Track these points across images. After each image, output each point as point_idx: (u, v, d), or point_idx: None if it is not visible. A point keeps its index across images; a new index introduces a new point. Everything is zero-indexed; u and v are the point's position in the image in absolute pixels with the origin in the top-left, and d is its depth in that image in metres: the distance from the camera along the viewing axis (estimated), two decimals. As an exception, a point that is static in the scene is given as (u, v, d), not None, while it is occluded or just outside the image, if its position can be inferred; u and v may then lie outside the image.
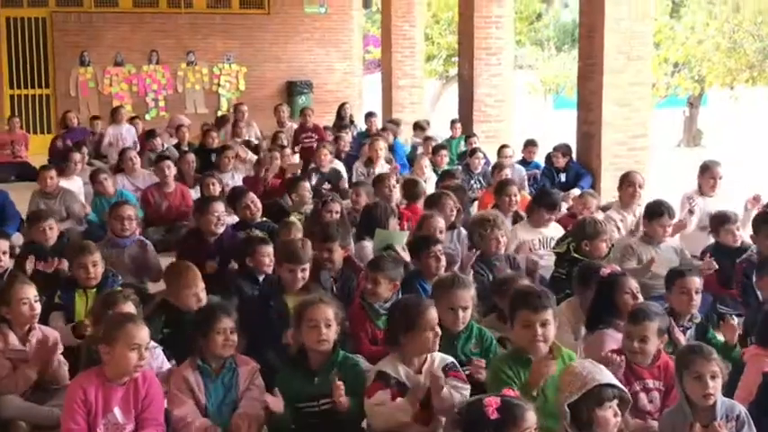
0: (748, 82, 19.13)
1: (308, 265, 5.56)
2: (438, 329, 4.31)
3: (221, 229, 7.05)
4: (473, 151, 11.56)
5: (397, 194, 8.47)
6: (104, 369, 4.13)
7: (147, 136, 13.24)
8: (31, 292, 4.90)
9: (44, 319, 5.39)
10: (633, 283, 4.99)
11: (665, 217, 6.78)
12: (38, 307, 4.92)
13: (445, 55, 28.99)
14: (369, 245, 6.83)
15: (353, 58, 20.38)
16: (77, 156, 10.60)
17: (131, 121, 15.22)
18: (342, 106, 16.14)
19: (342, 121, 15.61)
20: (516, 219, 7.85)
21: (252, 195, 7.79)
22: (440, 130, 15.38)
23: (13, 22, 18.10)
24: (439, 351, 4.40)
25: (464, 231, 7.35)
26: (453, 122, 14.75)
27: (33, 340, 4.89)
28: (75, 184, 10.14)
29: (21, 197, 9.57)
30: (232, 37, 19.35)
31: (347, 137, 13.17)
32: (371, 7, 26.84)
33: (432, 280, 5.66)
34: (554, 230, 7.28)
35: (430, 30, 26.05)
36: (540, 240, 7.20)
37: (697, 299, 5.18)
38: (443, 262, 5.78)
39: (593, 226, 6.29)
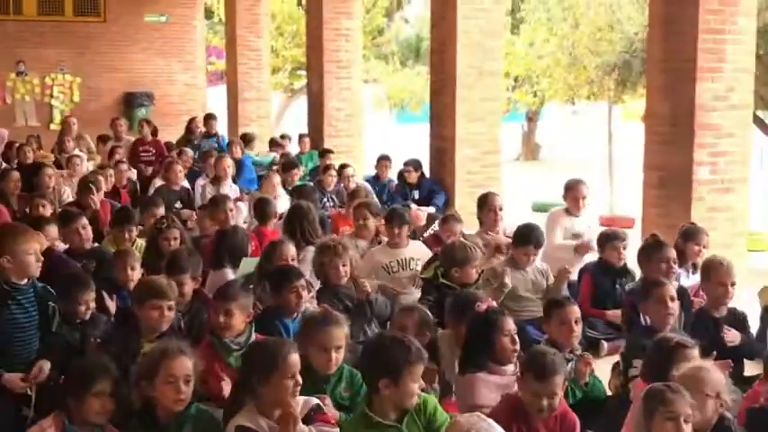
0: (589, 98, 19.54)
1: (173, 303, 4.94)
2: (299, 378, 3.84)
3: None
4: (326, 168, 11.19)
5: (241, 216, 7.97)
6: None
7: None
8: None
9: None
10: (511, 324, 4.69)
11: (530, 247, 6.60)
12: None
13: (290, 68, 28.60)
14: (229, 272, 6.33)
15: (197, 69, 19.72)
16: None
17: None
18: (192, 120, 15.47)
19: (190, 135, 14.96)
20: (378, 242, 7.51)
21: (84, 220, 7.07)
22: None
23: None
24: (307, 394, 3.97)
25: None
26: (302, 137, 14.39)
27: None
28: None
29: None
30: (65, 45, 18.33)
31: (190, 152, 12.53)
32: (213, 18, 26.27)
33: (293, 317, 5.23)
34: (414, 250, 6.99)
35: (275, 42, 25.55)
36: (399, 262, 6.88)
37: (578, 329, 4.97)
38: (306, 297, 5.34)
39: (463, 251, 6.01)
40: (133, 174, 11.97)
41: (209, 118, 14.92)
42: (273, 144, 14.77)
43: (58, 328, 5.11)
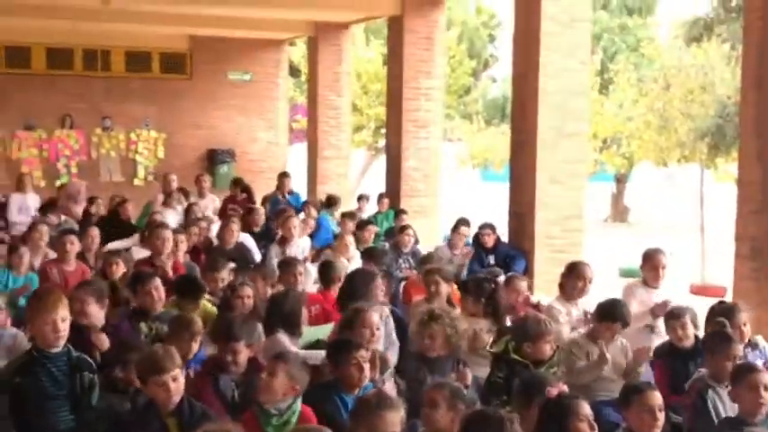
0: (680, 161, 18.91)
1: (178, 372, 4.57)
2: None
3: (86, 321, 5.84)
4: (403, 228, 10.87)
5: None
6: None
7: (44, 210, 12.20)
8: None
9: None
10: (587, 409, 4.25)
11: (617, 324, 6.14)
12: None
13: (374, 126, 28.62)
14: (284, 339, 6.02)
15: (279, 128, 19.73)
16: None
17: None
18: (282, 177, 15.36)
19: (278, 193, 14.82)
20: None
21: (157, 281, 6.86)
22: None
23: None
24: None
25: (391, 322, 6.61)
26: (381, 196, 14.15)
27: None
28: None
29: None
30: (151, 102, 18.54)
31: (261, 210, 12.34)
32: (300, 76, 26.47)
33: (353, 392, 4.88)
34: (489, 323, 6.59)
35: (359, 100, 25.61)
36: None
37: (661, 417, 4.50)
38: (367, 372, 4.98)
39: (537, 325, 5.57)
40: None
41: (282, 176, 14.76)
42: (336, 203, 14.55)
43: (100, 400, 4.85)
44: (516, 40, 10.83)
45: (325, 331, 6.42)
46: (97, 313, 5.90)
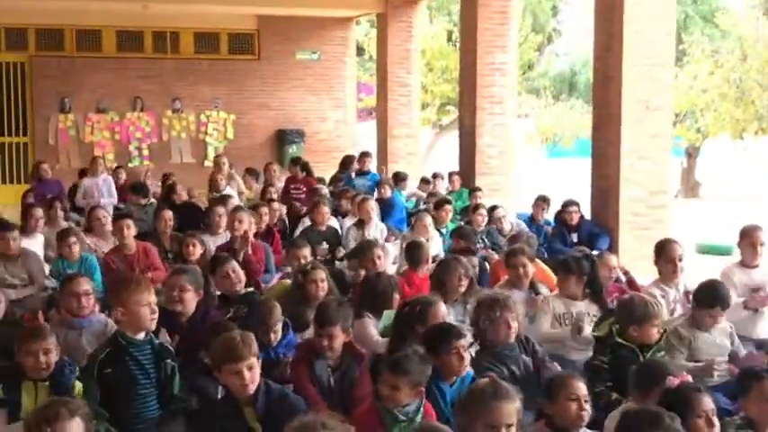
0: (757, 133, 18.36)
1: (254, 361, 4.35)
2: None
3: (182, 308, 5.86)
4: (476, 207, 10.65)
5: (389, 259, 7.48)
6: None
7: (134, 190, 12.19)
8: None
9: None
10: (709, 404, 4.01)
11: (717, 309, 5.84)
12: None
13: (439, 104, 28.32)
14: (371, 323, 5.87)
15: (347, 107, 19.60)
16: (38, 212, 9.59)
17: (116, 170, 14.30)
18: (347, 157, 15.25)
19: (343, 172, 14.71)
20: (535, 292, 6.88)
21: (233, 263, 6.77)
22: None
23: (-9, 66, 17.27)
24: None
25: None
26: (451, 174, 13.93)
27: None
28: (37, 243, 9.13)
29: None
30: (220, 83, 18.53)
31: (324, 190, 12.25)
32: (364, 54, 26.25)
33: (451, 381, 4.70)
34: (590, 305, 6.35)
35: (424, 78, 25.34)
36: (573, 316, 6.25)
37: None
38: (467, 361, 4.79)
39: (643, 307, 5.29)
40: (284, 210, 11.80)
41: (363, 156, 14.63)
42: (423, 182, 14.38)
43: (180, 390, 4.77)
44: (598, 10, 10.51)
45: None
46: (192, 301, 5.82)
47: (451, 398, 4.56)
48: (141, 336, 4.69)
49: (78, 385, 4.85)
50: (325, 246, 9.33)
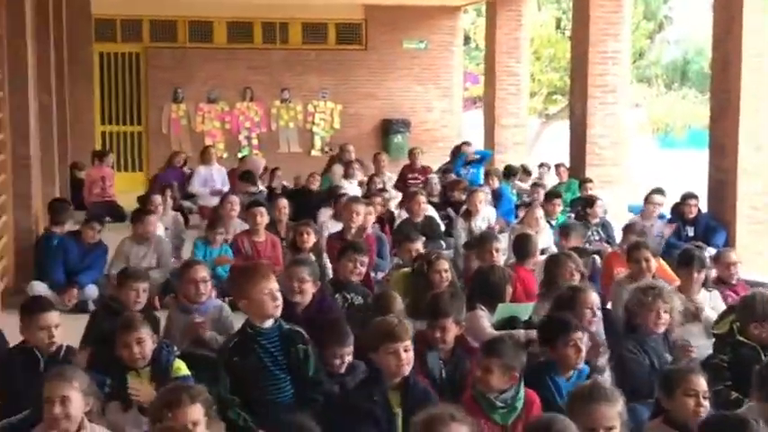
0: None
1: (410, 343, 4.49)
2: None
3: (297, 299, 5.86)
4: (591, 199, 10.41)
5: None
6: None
7: (241, 177, 12.43)
8: (57, 390, 3.93)
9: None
10: None
11: None
12: (64, 410, 3.93)
13: (546, 92, 27.97)
14: (484, 315, 5.80)
15: (453, 96, 19.47)
16: (158, 198, 9.88)
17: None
18: (459, 147, 15.16)
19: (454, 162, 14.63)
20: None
21: (364, 257, 6.76)
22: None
23: (107, 58, 17.75)
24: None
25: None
26: (558, 166, 13.71)
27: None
28: (158, 230, 9.42)
29: (113, 238, 8.90)
30: (327, 73, 18.64)
31: (435, 180, 12.17)
32: (470, 43, 26.08)
33: (568, 375, 4.61)
34: (706, 300, 6.16)
35: (531, 66, 25.05)
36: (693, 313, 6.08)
37: None
38: (584, 354, 4.69)
39: (766, 304, 5.11)
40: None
41: (464, 145, 14.49)
42: (524, 173, 14.21)
43: (315, 373, 4.77)
44: (717, -3, 10.16)
45: (520, 310, 6.15)
46: (310, 291, 5.86)
47: (566, 391, 4.47)
48: (269, 323, 4.70)
49: (176, 364, 4.93)
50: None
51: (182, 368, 4.87)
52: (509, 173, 13.62)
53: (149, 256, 8.50)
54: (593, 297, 5.43)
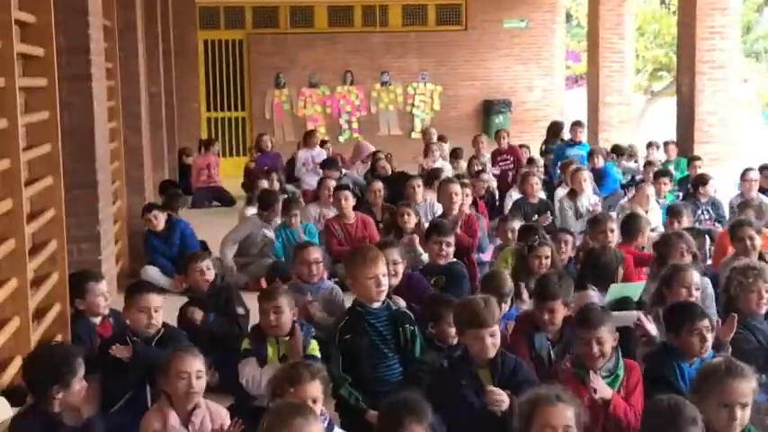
0: None
1: (497, 329, 4.47)
2: None
3: (393, 281, 5.91)
4: (704, 179, 10.14)
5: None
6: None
7: (324, 166, 12.55)
8: (192, 365, 4.11)
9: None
10: None
11: None
12: (199, 384, 4.15)
13: (651, 69, 27.34)
14: (595, 296, 5.74)
15: (555, 75, 19.21)
16: (264, 183, 10.06)
17: (322, 144, 14.75)
18: (554, 125, 15.00)
19: (551, 141, 14.47)
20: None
21: (450, 237, 6.79)
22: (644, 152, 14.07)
23: (211, 45, 18.12)
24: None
25: (705, 281, 6.14)
26: (667, 143, 13.40)
27: (197, 422, 4.11)
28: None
29: (219, 223, 9.14)
30: (427, 55, 18.63)
31: (540, 162, 12.09)
32: (571, 20, 25.66)
33: (692, 361, 4.53)
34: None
35: (635, 43, 24.52)
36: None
37: None
38: (710, 342, 4.58)
39: None
40: (494, 183, 11.79)
41: (575, 125, 14.30)
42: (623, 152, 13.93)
43: (422, 352, 4.85)
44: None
45: (632, 289, 6.06)
46: (401, 273, 5.97)
47: (690, 377, 4.40)
48: (377, 304, 4.81)
49: (313, 344, 5.08)
50: (549, 216, 9.22)
51: (315, 349, 5.03)
52: (617, 152, 13.36)
53: (270, 237, 8.70)
54: (692, 276, 5.32)
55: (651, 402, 3.78)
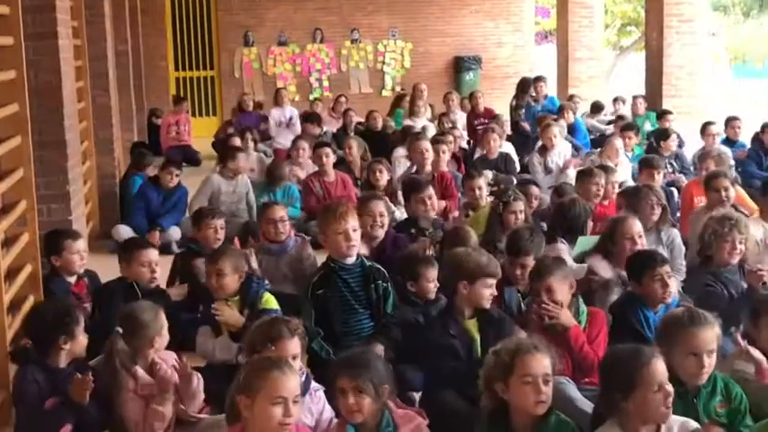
0: None
1: (494, 282, 4.55)
2: (669, 387, 3.28)
3: (380, 233, 5.98)
4: (666, 133, 10.25)
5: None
6: (245, 427, 3.32)
7: (306, 120, 12.55)
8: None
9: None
10: None
11: None
12: (160, 342, 4.19)
13: (620, 24, 27.38)
14: (565, 249, 5.80)
15: (525, 31, 19.18)
16: (238, 142, 10.03)
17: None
18: (525, 80, 14.97)
19: (521, 98, 14.45)
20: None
21: (430, 190, 6.85)
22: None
23: (178, 3, 17.90)
24: (673, 410, 3.38)
25: (674, 232, 6.24)
26: (635, 98, 13.46)
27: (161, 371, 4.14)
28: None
29: (187, 183, 9.09)
30: (397, 12, 18.51)
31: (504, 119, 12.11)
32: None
33: (656, 308, 4.61)
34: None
35: (603, -3, 24.53)
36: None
37: None
38: (672, 287, 4.67)
39: None
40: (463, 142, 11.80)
41: (537, 80, 14.32)
42: (594, 109, 13.99)
43: (394, 308, 4.90)
44: None
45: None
46: (386, 226, 5.96)
47: (655, 324, 4.47)
48: (351, 260, 4.85)
49: (266, 296, 5.07)
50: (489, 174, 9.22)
51: (270, 301, 5.02)
52: (594, 109, 13.41)
53: (237, 194, 8.66)
54: (633, 225, 5.41)
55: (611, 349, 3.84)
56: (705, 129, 10.21)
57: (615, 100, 14.46)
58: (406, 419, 3.64)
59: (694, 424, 3.39)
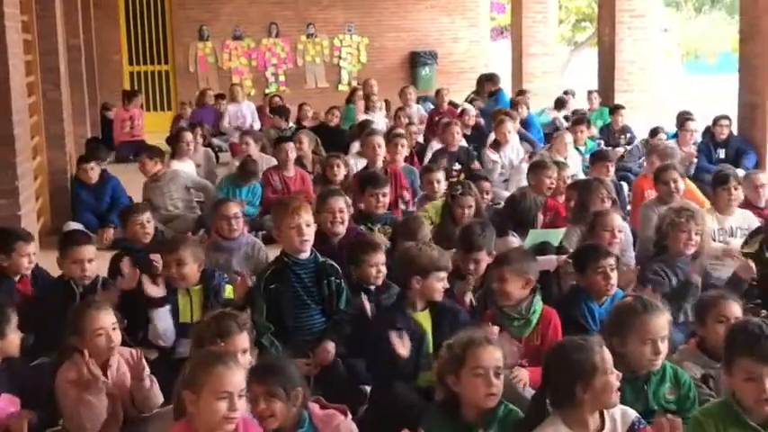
0: None
1: (445, 276, 4.60)
2: (612, 380, 3.32)
3: (340, 229, 5.89)
4: (620, 129, 10.36)
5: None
6: (191, 422, 3.30)
7: (274, 112, 12.52)
8: (106, 320, 4.08)
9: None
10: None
11: None
12: (116, 336, 4.12)
13: (574, 20, 27.62)
14: (515, 242, 5.85)
15: (480, 26, 19.28)
16: (188, 136, 9.97)
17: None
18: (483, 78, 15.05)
19: (479, 93, 14.54)
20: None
21: (386, 189, 6.83)
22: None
23: (132, -2, 17.75)
24: (623, 398, 3.43)
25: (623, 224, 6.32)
26: (590, 93, 13.59)
27: (114, 366, 4.11)
28: (188, 167, 9.54)
29: (142, 179, 9.00)
30: (352, 6, 18.51)
31: (472, 111, 12.12)
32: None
33: (600, 301, 4.68)
34: (740, 219, 6.19)
35: (558, -7, 24.71)
36: (725, 231, 6.13)
37: None
38: (614, 280, 4.74)
39: (796, 223, 5.14)
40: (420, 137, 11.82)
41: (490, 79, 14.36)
42: (559, 104, 14.07)
43: (347, 304, 4.90)
44: None
45: (552, 235, 6.20)
46: (346, 220, 5.96)
47: (600, 317, 4.54)
48: (305, 255, 4.84)
49: (228, 289, 5.11)
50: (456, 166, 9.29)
51: (231, 293, 5.07)
52: (558, 106, 13.47)
53: (165, 194, 8.59)
54: (613, 219, 5.50)
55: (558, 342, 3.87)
56: (684, 124, 10.25)
57: (565, 93, 14.54)
58: (326, 421, 3.63)
59: (633, 412, 3.43)
